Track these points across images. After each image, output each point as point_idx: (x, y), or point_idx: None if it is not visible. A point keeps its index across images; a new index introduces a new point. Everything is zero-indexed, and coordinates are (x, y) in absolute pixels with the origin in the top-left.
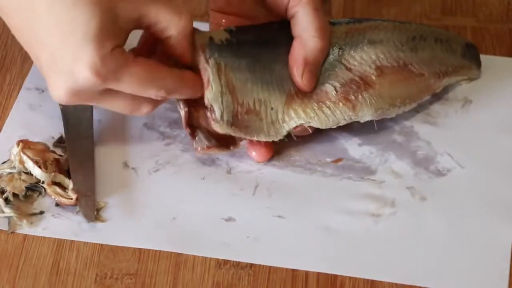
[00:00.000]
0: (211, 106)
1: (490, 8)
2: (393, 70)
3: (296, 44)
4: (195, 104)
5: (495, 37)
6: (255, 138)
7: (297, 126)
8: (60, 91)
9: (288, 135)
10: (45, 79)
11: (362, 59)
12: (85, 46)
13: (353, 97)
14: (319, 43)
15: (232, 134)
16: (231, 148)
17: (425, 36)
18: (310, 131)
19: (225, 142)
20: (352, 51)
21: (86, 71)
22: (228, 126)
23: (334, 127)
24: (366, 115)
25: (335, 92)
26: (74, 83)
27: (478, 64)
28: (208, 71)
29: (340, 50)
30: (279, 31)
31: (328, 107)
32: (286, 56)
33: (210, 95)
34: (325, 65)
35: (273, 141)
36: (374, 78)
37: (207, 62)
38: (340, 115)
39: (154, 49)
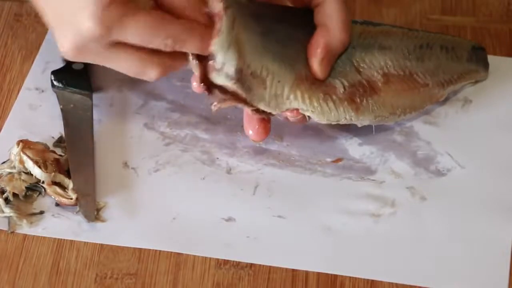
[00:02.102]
0: (215, 53)
1: (490, 8)
2: (398, 78)
3: (320, 31)
4: (208, 62)
5: (495, 37)
6: (255, 103)
7: (297, 111)
8: (66, 45)
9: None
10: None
11: (372, 63)
12: None
13: (358, 100)
14: (343, 35)
15: (233, 89)
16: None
17: (431, 45)
18: (306, 123)
19: (240, 95)
20: (363, 53)
21: (89, 21)
22: (227, 79)
23: (333, 123)
24: (365, 120)
25: (343, 90)
26: (79, 35)
27: (486, 66)
28: (223, 19)
29: (353, 50)
30: (298, 15)
31: (334, 102)
32: (301, 40)
33: (218, 43)
34: (338, 60)
35: (269, 122)
36: (380, 84)
37: (225, 10)
38: (343, 113)
39: None
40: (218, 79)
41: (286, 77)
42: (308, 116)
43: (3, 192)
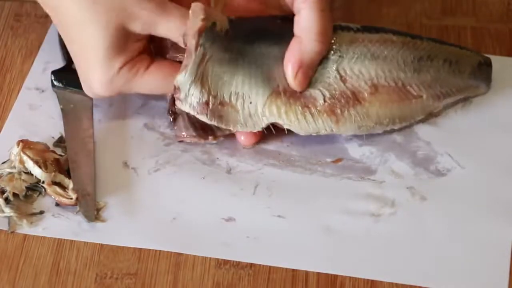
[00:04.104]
0: (178, 87)
1: (490, 8)
2: (388, 90)
3: (294, 43)
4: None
5: (495, 37)
6: (231, 128)
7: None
8: (87, 92)
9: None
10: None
11: (360, 72)
12: (95, 64)
13: (339, 111)
14: (317, 46)
15: (202, 119)
16: (210, 139)
17: (433, 57)
18: (285, 133)
19: (204, 133)
20: (351, 62)
21: (97, 86)
22: (191, 109)
23: (313, 135)
24: (348, 130)
25: (322, 101)
26: (92, 92)
27: (488, 82)
28: (191, 58)
29: (340, 58)
30: (282, 25)
31: (312, 114)
32: (281, 52)
33: (181, 79)
34: (321, 69)
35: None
36: (366, 95)
37: (196, 49)
38: (322, 125)
39: None
40: (183, 107)
41: (258, 96)
42: (287, 129)
43: (3, 192)
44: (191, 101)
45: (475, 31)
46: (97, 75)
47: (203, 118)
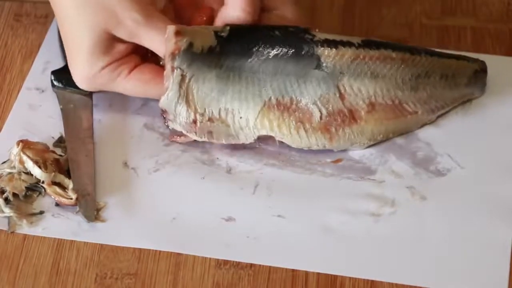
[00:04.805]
0: (165, 109)
1: (490, 8)
2: (385, 108)
3: None
4: None
5: (495, 37)
6: (223, 142)
7: (268, 136)
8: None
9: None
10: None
11: (359, 90)
12: (79, 61)
13: (334, 129)
14: None
15: (192, 137)
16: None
17: (430, 73)
18: (277, 144)
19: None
20: (352, 80)
21: (78, 80)
22: (182, 128)
23: (305, 149)
24: (341, 147)
25: (319, 118)
26: (77, 84)
27: (483, 88)
28: (170, 80)
29: (341, 75)
30: (278, 38)
31: (306, 130)
32: (276, 66)
33: (165, 102)
34: (321, 84)
35: None
36: (363, 114)
37: (172, 71)
38: (315, 141)
39: None
40: (175, 127)
41: (248, 111)
42: (279, 141)
43: (3, 192)
44: (180, 120)
45: (475, 31)
46: (79, 70)
47: (192, 136)
